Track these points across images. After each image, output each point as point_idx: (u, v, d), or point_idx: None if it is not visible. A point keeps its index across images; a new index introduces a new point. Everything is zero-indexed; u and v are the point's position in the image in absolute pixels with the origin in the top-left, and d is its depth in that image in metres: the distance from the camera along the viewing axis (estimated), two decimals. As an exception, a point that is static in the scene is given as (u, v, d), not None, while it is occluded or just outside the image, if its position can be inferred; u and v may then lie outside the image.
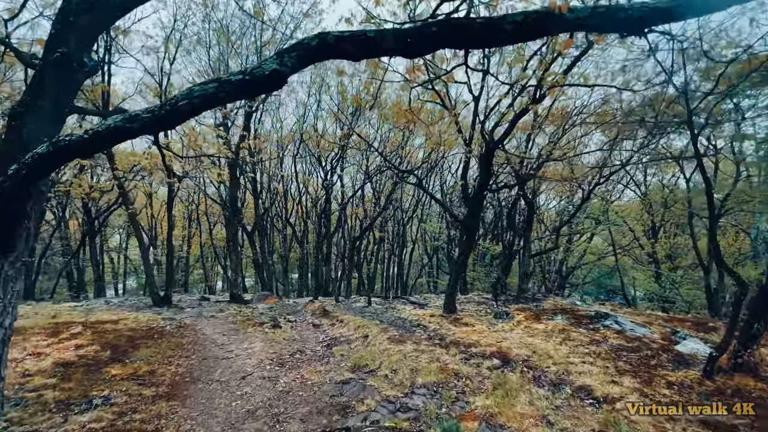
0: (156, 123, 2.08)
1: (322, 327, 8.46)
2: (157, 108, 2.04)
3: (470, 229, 7.34)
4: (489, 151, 6.55)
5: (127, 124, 2.10)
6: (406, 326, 7.72)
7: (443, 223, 27.52)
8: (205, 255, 30.13)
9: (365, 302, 12.36)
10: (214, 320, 8.41)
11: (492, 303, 11.20)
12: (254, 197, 18.89)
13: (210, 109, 2.22)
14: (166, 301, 10.85)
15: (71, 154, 2.24)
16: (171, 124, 2.24)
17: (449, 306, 8.14)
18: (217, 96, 1.94)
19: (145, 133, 2.21)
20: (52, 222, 22.96)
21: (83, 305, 10.72)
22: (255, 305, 12.33)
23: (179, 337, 6.72)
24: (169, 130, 2.80)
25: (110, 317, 8.00)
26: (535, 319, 7.29)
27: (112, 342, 5.83)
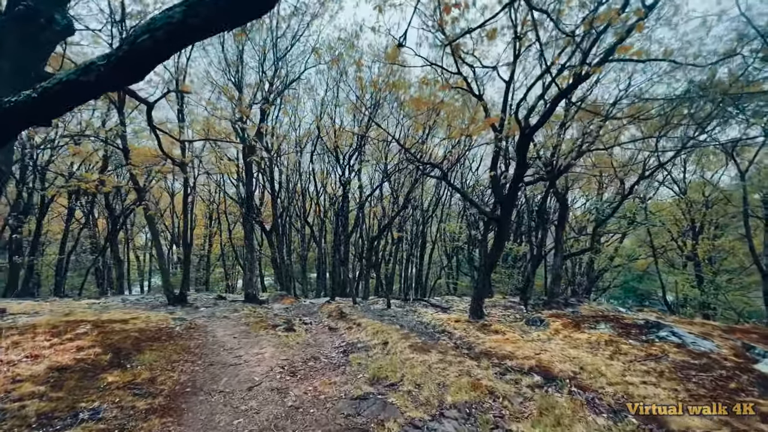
0: (115, 72, 1.57)
1: (338, 331, 7.93)
2: (114, 51, 1.53)
3: (502, 226, 6.62)
4: (524, 137, 5.81)
5: (81, 77, 1.60)
6: (429, 332, 7.08)
7: (463, 223, 26.71)
8: (225, 254, 30.40)
9: (384, 304, 11.79)
10: (226, 321, 8.03)
11: (520, 307, 10.40)
12: (272, 196, 18.66)
13: (184, 46, 1.67)
14: (181, 300, 10.63)
15: (16, 121, 1.77)
16: (134, 71, 1.72)
17: (476, 311, 7.44)
18: (187, 24, 1.42)
19: (106, 88, 1.73)
20: (82, 220, 23.53)
21: (101, 303, 10.63)
22: (270, 305, 11.98)
23: (188, 339, 6.34)
24: (135, 80, 2.44)
25: (122, 316, 7.73)
26: (575, 328, 6.50)
27: (116, 344, 5.48)
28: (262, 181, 22.19)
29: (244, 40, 9.41)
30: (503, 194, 6.72)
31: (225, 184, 25.53)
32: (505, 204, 6.60)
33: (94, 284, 24.43)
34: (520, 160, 6.02)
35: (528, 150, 6.20)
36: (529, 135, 5.85)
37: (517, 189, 6.59)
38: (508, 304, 11.54)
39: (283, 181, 23.69)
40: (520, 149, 5.96)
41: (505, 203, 6.60)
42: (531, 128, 5.76)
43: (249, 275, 11.07)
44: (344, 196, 14.24)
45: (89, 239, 24.44)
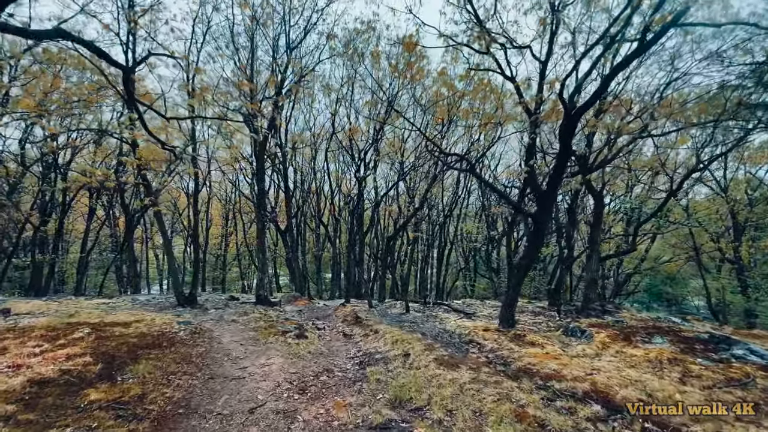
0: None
1: (353, 338, 7.28)
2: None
3: (540, 224, 5.83)
4: (570, 119, 5.00)
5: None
6: (455, 343, 6.34)
7: (481, 223, 25.75)
8: (241, 254, 30.37)
9: (402, 308, 11.09)
10: (234, 325, 7.50)
11: (551, 314, 9.51)
12: (286, 195, 18.24)
13: None
14: (191, 301, 10.21)
15: None
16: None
17: (507, 318, 6.66)
18: None
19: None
20: (103, 218, 23.73)
21: (111, 303, 10.33)
22: (282, 308, 11.46)
23: (190, 346, 5.80)
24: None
25: (126, 318, 7.31)
26: (625, 341, 5.64)
27: (111, 351, 4.98)
28: (276, 180, 21.89)
29: (255, 26, 8.91)
30: (541, 188, 5.91)
31: (240, 183, 25.39)
32: (544, 198, 5.79)
33: (114, 282, 24.69)
34: (564, 146, 5.22)
35: (573, 135, 5.40)
36: (575, 117, 5.03)
37: (559, 181, 5.78)
38: (536, 309, 10.65)
39: (297, 181, 23.35)
40: (564, 134, 5.15)
41: (544, 198, 5.79)
42: (578, 109, 4.94)
43: (261, 276, 10.57)
44: (359, 194, 13.61)
45: (110, 238, 24.70)
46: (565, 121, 5.09)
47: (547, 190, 5.74)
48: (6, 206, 16.90)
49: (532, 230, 6.02)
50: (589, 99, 4.86)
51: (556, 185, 5.59)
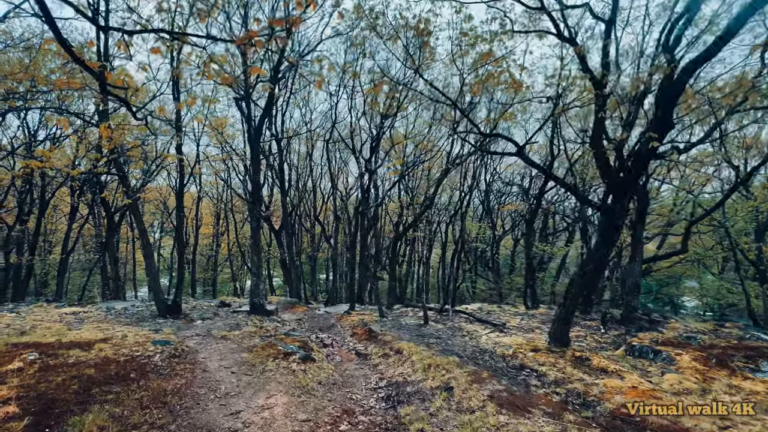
0: None
1: (370, 359, 6.01)
2: None
3: (614, 220, 4.62)
4: (674, 84, 3.79)
5: None
6: (503, 369, 5.10)
7: (483, 223, 24.71)
8: (233, 254, 28.95)
9: (415, 317, 9.84)
10: (224, 344, 6.17)
11: (587, 325, 8.33)
12: (282, 194, 16.89)
13: None
14: (175, 311, 8.84)
15: None
16: None
17: (560, 336, 5.45)
18: None
19: None
20: (88, 218, 22.03)
21: (81, 313, 8.91)
22: (279, 316, 10.13)
23: (166, 376, 4.48)
24: None
25: (91, 335, 5.96)
26: (722, 368, 4.46)
27: (52, 392, 3.65)
28: (271, 176, 20.52)
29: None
30: (616, 175, 4.70)
31: (232, 181, 23.97)
32: (623, 186, 4.57)
33: (100, 285, 23.07)
34: (664, 117, 3.99)
35: (676, 102, 4.18)
36: (684, 76, 3.83)
37: (647, 163, 4.57)
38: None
39: (293, 179, 22.02)
40: (665, 100, 3.93)
41: (623, 185, 4.56)
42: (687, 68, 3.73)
43: (256, 281, 9.24)
44: (367, 187, 12.34)
45: (95, 238, 23.04)
46: (666, 85, 3.90)
47: (628, 176, 4.52)
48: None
49: (603, 227, 4.81)
50: (710, 47, 3.63)
51: (643, 168, 4.41)
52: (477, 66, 5.43)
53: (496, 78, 5.40)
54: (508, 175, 25.61)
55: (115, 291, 16.69)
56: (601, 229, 4.90)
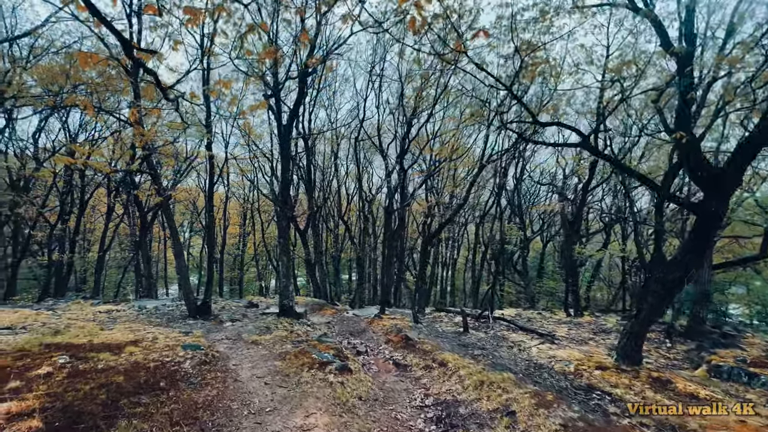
0: None
1: (411, 370, 5.51)
2: None
3: (713, 222, 3.92)
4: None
5: None
6: (565, 387, 4.47)
7: (511, 224, 23.71)
8: (259, 254, 29.28)
9: (450, 323, 9.26)
10: (255, 350, 5.85)
11: (658, 340, 7.47)
12: (308, 193, 16.70)
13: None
14: (204, 312, 8.69)
15: None
16: None
17: (632, 352, 4.76)
18: None
19: None
20: (123, 217, 22.75)
21: (113, 312, 8.91)
22: (308, 319, 9.82)
23: (197, 386, 4.16)
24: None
25: (122, 337, 5.79)
26: None
27: (78, 403, 3.38)
28: (297, 176, 20.46)
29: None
30: (709, 165, 3.98)
31: (259, 181, 24.16)
32: (720, 183, 3.85)
33: (134, 282, 23.80)
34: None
35: None
36: None
37: (756, 153, 3.84)
38: (621, 328, 8.61)
39: (317, 178, 21.90)
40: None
41: (720, 182, 3.83)
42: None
43: (285, 282, 8.94)
44: (398, 186, 11.87)
45: (129, 237, 23.80)
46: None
47: (729, 169, 3.78)
48: (19, 203, 15.88)
49: (698, 230, 4.09)
50: None
51: (753, 155, 3.68)
52: (531, 48, 4.80)
53: (554, 62, 4.78)
54: (536, 174, 24.54)
55: (147, 289, 17.03)
56: (697, 233, 4.17)
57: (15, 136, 16.52)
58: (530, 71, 5.27)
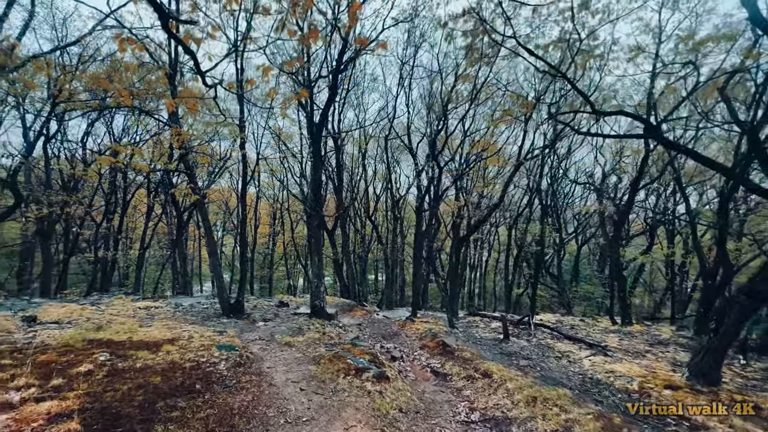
0: None
1: (451, 380, 5.16)
2: None
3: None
4: None
5: None
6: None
7: (545, 225, 22.64)
8: (288, 253, 29.76)
9: (488, 329, 8.79)
10: (288, 352, 5.71)
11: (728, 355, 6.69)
12: (336, 193, 16.64)
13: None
14: (238, 310, 8.72)
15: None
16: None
17: (708, 371, 4.17)
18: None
19: None
20: (162, 216, 23.75)
21: (152, 308, 9.14)
22: (339, 320, 9.66)
23: (232, 390, 4.03)
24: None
25: (159, 335, 5.82)
26: None
27: (116, 405, 3.31)
28: (325, 176, 20.51)
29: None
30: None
31: (288, 182, 24.53)
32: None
33: (171, 279, 24.82)
34: None
35: None
36: None
37: None
38: (678, 340, 7.82)
39: (344, 179, 21.89)
40: None
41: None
42: None
43: (316, 283, 8.82)
44: (431, 184, 11.52)
45: (167, 235, 24.88)
46: None
47: None
48: (69, 203, 16.79)
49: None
50: None
51: None
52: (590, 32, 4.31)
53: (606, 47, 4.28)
54: (571, 172, 23.32)
55: (183, 286, 17.60)
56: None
57: (66, 140, 17.60)
58: (587, 56, 4.78)
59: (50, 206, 14.08)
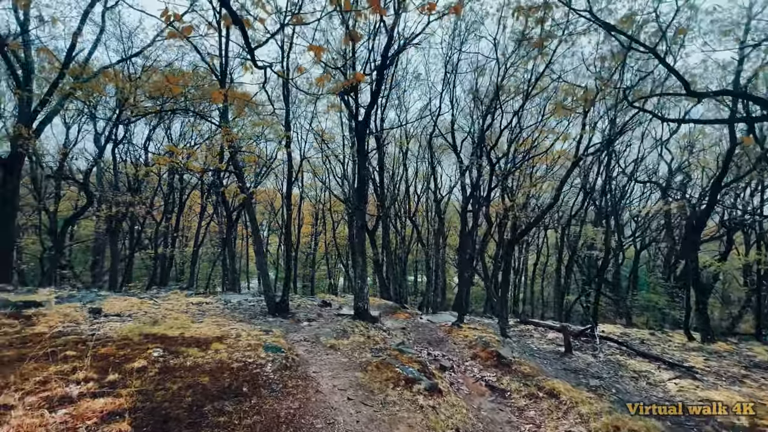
0: None
1: (510, 397, 4.66)
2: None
3: None
4: None
5: None
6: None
7: (600, 227, 20.82)
8: (329, 252, 30.25)
9: (545, 340, 8.08)
10: (334, 356, 5.52)
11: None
12: (380, 191, 16.47)
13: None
14: (283, 310, 8.76)
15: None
16: None
17: None
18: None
19: None
20: (213, 216, 25.10)
21: (203, 304, 9.47)
22: (382, 323, 9.41)
23: (279, 395, 3.87)
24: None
25: (209, 331, 5.89)
26: None
27: (166, 405, 3.25)
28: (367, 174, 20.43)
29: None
30: None
31: (330, 183, 24.87)
32: None
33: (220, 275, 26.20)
34: None
35: None
36: None
37: None
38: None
39: (385, 178, 21.68)
40: None
41: None
42: None
43: (360, 284, 8.63)
44: (489, 176, 10.95)
45: (218, 234, 26.32)
46: None
47: None
48: (133, 203, 18.14)
49: None
50: None
51: None
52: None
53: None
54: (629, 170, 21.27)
55: (232, 282, 18.38)
56: None
57: (131, 145, 19.12)
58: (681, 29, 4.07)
59: (117, 206, 15.28)
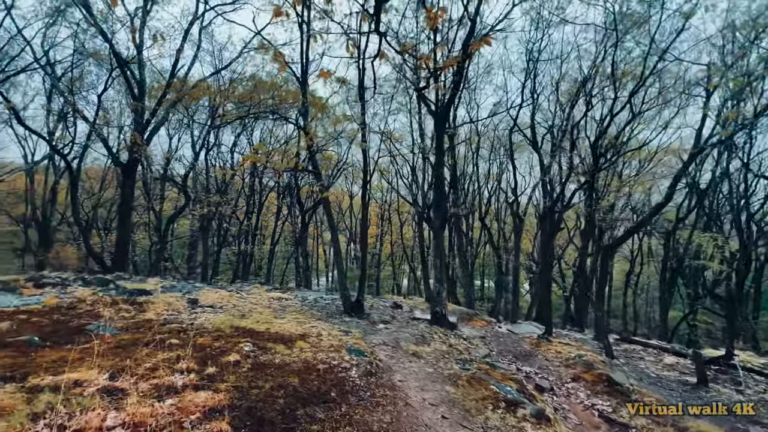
0: None
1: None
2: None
3: None
4: None
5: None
6: None
7: (712, 234, 17.36)
8: (394, 253, 30.23)
9: (661, 364, 6.81)
10: (417, 364, 5.14)
11: None
12: (452, 193, 15.81)
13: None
14: (358, 309, 8.68)
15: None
16: None
17: None
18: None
19: None
20: (288, 216, 26.60)
21: (283, 300, 9.83)
22: (461, 330, 8.82)
23: (367, 406, 3.60)
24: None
25: (292, 328, 5.95)
26: None
27: (260, 405, 3.17)
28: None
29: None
30: None
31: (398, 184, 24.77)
32: None
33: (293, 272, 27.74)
34: None
35: None
36: None
37: None
38: None
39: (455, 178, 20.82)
40: None
41: None
42: None
43: (438, 288, 8.17)
44: (591, 178, 9.81)
45: (291, 233, 27.94)
46: None
47: None
48: (222, 204, 19.87)
49: None
50: None
51: None
52: None
53: None
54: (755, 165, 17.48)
55: (305, 280, 19.22)
56: None
57: (220, 153, 21.10)
58: None
59: (209, 206, 16.86)
